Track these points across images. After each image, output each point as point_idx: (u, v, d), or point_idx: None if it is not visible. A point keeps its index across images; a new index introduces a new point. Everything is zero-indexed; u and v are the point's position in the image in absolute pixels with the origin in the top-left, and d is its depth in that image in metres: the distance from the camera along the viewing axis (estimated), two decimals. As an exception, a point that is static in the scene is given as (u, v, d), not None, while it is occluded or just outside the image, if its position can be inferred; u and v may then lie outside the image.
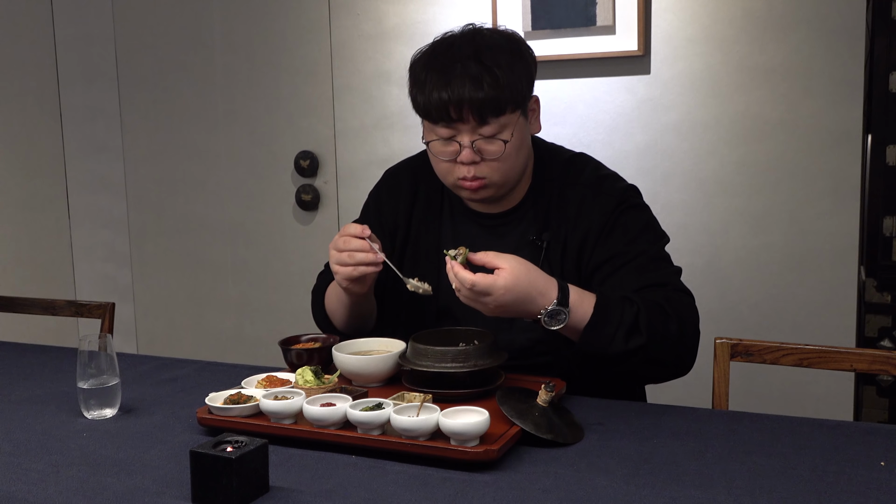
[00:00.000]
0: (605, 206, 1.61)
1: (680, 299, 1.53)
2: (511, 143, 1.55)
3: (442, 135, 1.56)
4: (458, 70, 1.51)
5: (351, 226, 1.58)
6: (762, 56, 2.53)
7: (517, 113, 1.56)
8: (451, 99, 1.51)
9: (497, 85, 1.50)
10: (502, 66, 1.51)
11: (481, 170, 1.56)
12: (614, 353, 1.46)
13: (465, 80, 1.50)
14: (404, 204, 1.76)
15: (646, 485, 1.17)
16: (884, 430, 1.37)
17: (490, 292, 1.41)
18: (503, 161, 1.56)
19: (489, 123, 1.53)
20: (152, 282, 3.46)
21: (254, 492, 1.15)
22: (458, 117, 1.53)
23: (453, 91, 1.50)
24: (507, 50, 1.55)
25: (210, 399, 1.43)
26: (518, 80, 1.53)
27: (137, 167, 3.40)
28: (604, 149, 2.68)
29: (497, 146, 1.54)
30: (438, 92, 1.52)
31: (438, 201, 1.73)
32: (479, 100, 1.50)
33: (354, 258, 1.55)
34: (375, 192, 1.84)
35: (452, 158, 1.57)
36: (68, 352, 1.93)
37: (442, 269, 1.70)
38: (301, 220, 3.18)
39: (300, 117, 3.12)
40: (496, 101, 1.51)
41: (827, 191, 2.52)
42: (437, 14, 2.87)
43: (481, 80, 1.49)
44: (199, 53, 3.22)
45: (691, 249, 2.65)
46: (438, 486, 1.19)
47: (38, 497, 1.19)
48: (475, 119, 1.52)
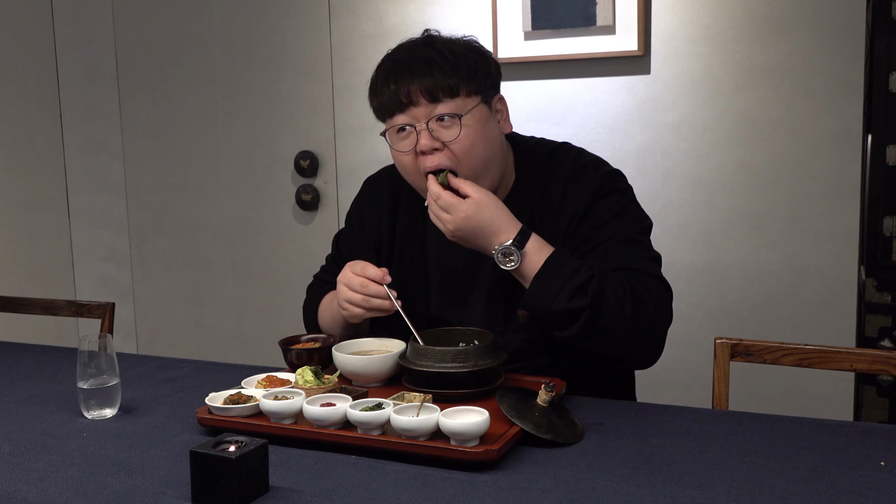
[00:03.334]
0: (582, 196, 1.57)
1: (646, 282, 1.48)
2: (470, 125, 1.51)
3: (398, 123, 1.55)
4: (408, 58, 1.53)
5: (370, 267, 1.55)
6: (762, 56, 2.53)
7: (475, 98, 1.54)
8: (402, 84, 1.51)
9: (448, 65, 1.50)
10: (455, 52, 1.52)
11: (443, 160, 1.53)
12: (556, 310, 1.43)
13: (414, 65, 1.51)
14: (386, 215, 1.73)
15: (646, 485, 1.17)
16: (884, 430, 1.37)
17: (450, 211, 1.47)
18: (464, 145, 1.51)
19: (442, 102, 1.51)
20: (152, 282, 3.46)
21: (254, 492, 1.15)
22: (409, 101, 1.52)
23: (403, 77, 1.51)
24: (461, 44, 1.56)
25: (210, 399, 1.43)
26: (472, 67, 1.53)
27: (137, 167, 3.40)
28: (604, 149, 2.67)
29: (454, 128, 1.51)
30: (390, 84, 1.53)
31: (421, 210, 1.67)
32: (430, 79, 1.50)
33: (370, 304, 1.54)
34: (356, 204, 1.82)
35: (412, 150, 1.54)
36: (68, 352, 1.93)
37: (430, 282, 1.70)
38: (301, 220, 3.18)
39: (300, 117, 3.12)
40: (447, 80, 1.50)
41: (827, 191, 2.52)
42: (437, 14, 2.87)
43: (431, 61, 1.51)
44: (199, 53, 3.22)
45: (691, 249, 2.65)
46: (438, 486, 1.19)
47: (38, 497, 1.19)
48: (426, 98, 1.51)
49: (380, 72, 1.57)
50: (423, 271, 1.69)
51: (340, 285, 1.58)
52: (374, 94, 1.58)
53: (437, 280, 1.69)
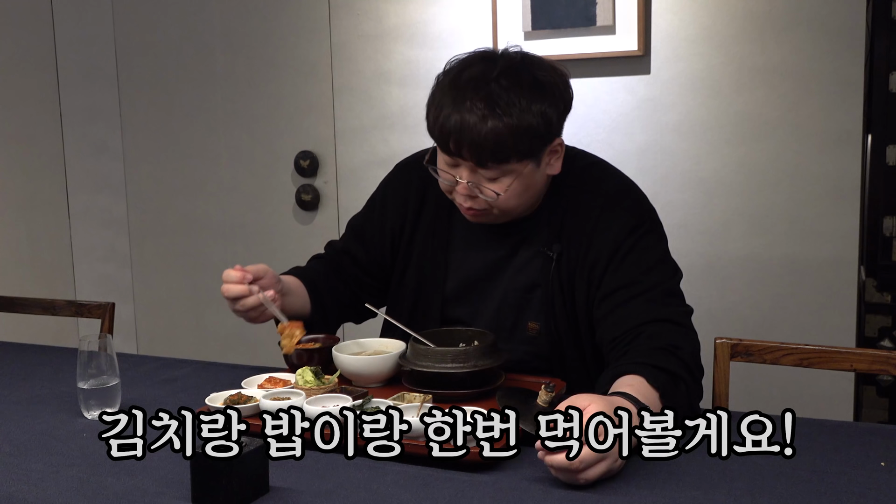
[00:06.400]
0: (623, 223, 1.54)
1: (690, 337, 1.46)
2: (512, 186, 1.49)
3: (444, 161, 1.52)
4: (467, 105, 1.43)
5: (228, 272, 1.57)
6: (762, 56, 2.53)
7: (524, 163, 1.49)
8: (453, 133, 1.45)
9: (501, 136, 1.42)
10: (514, 114, 1.42)
11: (479, 203, 1.52)
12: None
13: (469, 120, 1.43)
14: (413, 202, 1.70)
15: (646, 485, 1.17)
16: (884, 431, 1.37)
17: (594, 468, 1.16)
18: (501, 200, 1.50)
19: (489, 168, 1.47)
20: (152, 282, 3.45)
21: (254, 492, 1.15)
22: (458, 153, 1.47)
23: (455, 125, 1.44)
24: (532, 95, 1.45)
25: (210, 399, 1.43)
26: (532, 130, 1.45)
27: (137, 167, 3.40)
28: (604, 149, 2.67)
29: (494, 190, 1.49)
30: (444, 120, 1.46)
31: (449, 205, 1.66)
32: (479, 145, 1.43)
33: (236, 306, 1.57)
34: (383, 187, 1.79)
35: (450, 185, 1.53)
36: (68, 352, 1.93)
37: (448, 280, 1.68)
38: (301, 220, 3.18)
39: (300, 117, 3.12)
40: (498, 149, 1.44)
41: (827, 191, 2.52)
42: (437, 14, 2.87)
43: (485, 126, 1.42)
44: (199, 53, 3.22)
45: (691, 249, 2.65)
46: (438, 486, 1.19)
47: (38, 497, 1.19)
48: (473, 161, 1.47)
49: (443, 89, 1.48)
50: (443, 268, 1.68)
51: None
52: (430, 107, 1.51)
53: (454, 280, 1.68)
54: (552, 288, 1.59)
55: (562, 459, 1.13)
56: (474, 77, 1.46)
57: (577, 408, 1.14)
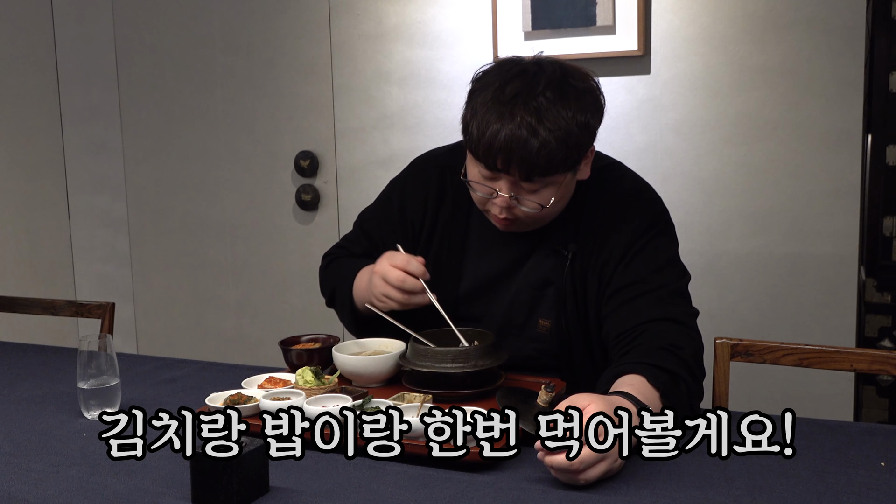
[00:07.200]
0: (638, 223, 1.55)
1: (692, 337, 1.47)
2: (552, 204, 1.49)
3: (483, 174, 1.49)
4: (517, 121, 1.41)
5: (412, 262, 1.52)
6: (762, 56, 2.53)
7: (567, 175, 1.49)
8: (503, 149, 1.42)
9: (553, 149, 1.42)
10: (562, 127, 1.42)
11: (514, 213, 1.51)
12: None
13: (519, 135, 1.41)
14: (432, 201, 1.69)
15: (646, 485, 1.17)
16: (884, 430, 1.37)
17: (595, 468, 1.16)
18: (539, 213, 1.50)
19: (533, 182, 1.46)
20: (152, 282, 3.46)
21: (254, 492, 1.15)
22: (506, 169, 1.45)
23: (506, 141, 1.41)
24: (577, 108, 1.45)
25: (210, 399, 1.43)
26: (578, 141, 1.45)
27: (137, 167, 3.40)
28: (604, 149, 2.65)
29: (536, 203, 1.48)
30: (491, 136, 1.42)
31: (466, 204, 1.65)
32: (530, 161, 1.42)
33: (409, 301, 1.52)
34: (400, 185, 1.76)
35: (487, 197, 1.51)
36: (68, 352, 1.93)
37: (463, 278, 1.68)
38: (301, 220, 3.18)
39: (300, 117, 3.12)
40: (548, 164, 1.43)
41: (827, 191, 2.52)
42: (437, 14, 2.87)
43: (536, 140, 1.41)
44: (199, 53, 3.22)
45: (691, 249, 2.65)
46: (438, 487, 1.19)
47: (38, 497, 1.19)
48: (521, 176, 1.45)
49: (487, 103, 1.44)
50: (459, 266, 1.67)
51: (376, 277, 1.54)
52: (472, 117, 1.47)
53: (470, 278, 1.68)
54: (565, 286, 1.59)
55: (562, 460, 1.13)
56: (520, 92, 1.44)
57: (577, 408, 1.15)
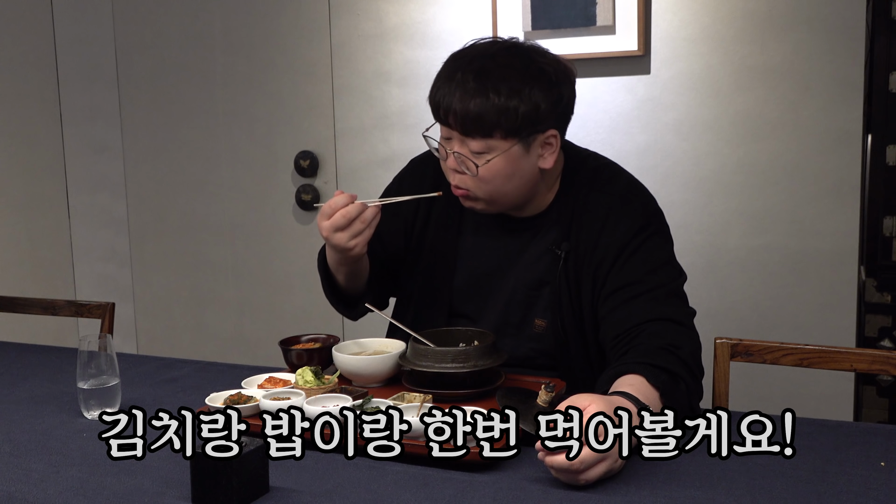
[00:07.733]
0: (631, 224, 1.56)
1: (691, 336, 1.47)
2: (494, 164, 1.51)
3: (441, 133, 1.57)
4: (458, 78, 1.50)
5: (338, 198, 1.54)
6: (762, 56, 2.53)
7: (510, 141, 1.50)
8: (442, 101, 1.51)
9: (486, 107, 1.47)
10: (502, 91, 1.47)
11: (464, 181, 1.55)
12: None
13: (457, 91, 1.49)
14: (425, 200, 1.71)
15: (646, 485, 1.17)
16: (884, 430, 1.37)
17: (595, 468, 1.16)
18: (480, 181, 1.53)
19: (474, 139, 1.50)
20: (152, 282, 3.46)
21: (254, 492, 1.15)
22: (445, 120, 1.53)
23: (445, 96, 1.51)
24: (524, 77, 1.49)
25: (210, 399, 1.43)
26: (518, 109, 1.48)
27: (137, 167, 3.40)
28: (604, 149, 2.66)
29: (474, 162, 1.51)
30: (436, 87, 1.53)
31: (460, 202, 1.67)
32: (463, 114, 1.48)
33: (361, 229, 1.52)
34: (398, 181, 1.81)
35: (442, 159, 1.59)
36: (68, 352, 1.93)
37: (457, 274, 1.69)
38: (301, 220, 3.18)
39: (300, 117, 3.12)
40: (480, 121, 1.48)
41: (827, 191, 2.52)
42: (437, 14, 2.87)
43: (471, 96, 1.48)
44: (199, 53, 3.22)
45: (691, 249, 2.65)
46: (438, 486, 1.19)
47: (38, 497, 1.19)
48: (458, 130, 1.51)
49: (444, 65, 1.56)
50: (453, 262, 1.69)
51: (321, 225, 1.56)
52: (434, 81, 1.56)
53: (464, 274, 1.69)
54: (560, 286, 1.60)
55: (562, 460, 1.13)
56: (473, 53, 1.53)
57: (577, 408, 1.15)
